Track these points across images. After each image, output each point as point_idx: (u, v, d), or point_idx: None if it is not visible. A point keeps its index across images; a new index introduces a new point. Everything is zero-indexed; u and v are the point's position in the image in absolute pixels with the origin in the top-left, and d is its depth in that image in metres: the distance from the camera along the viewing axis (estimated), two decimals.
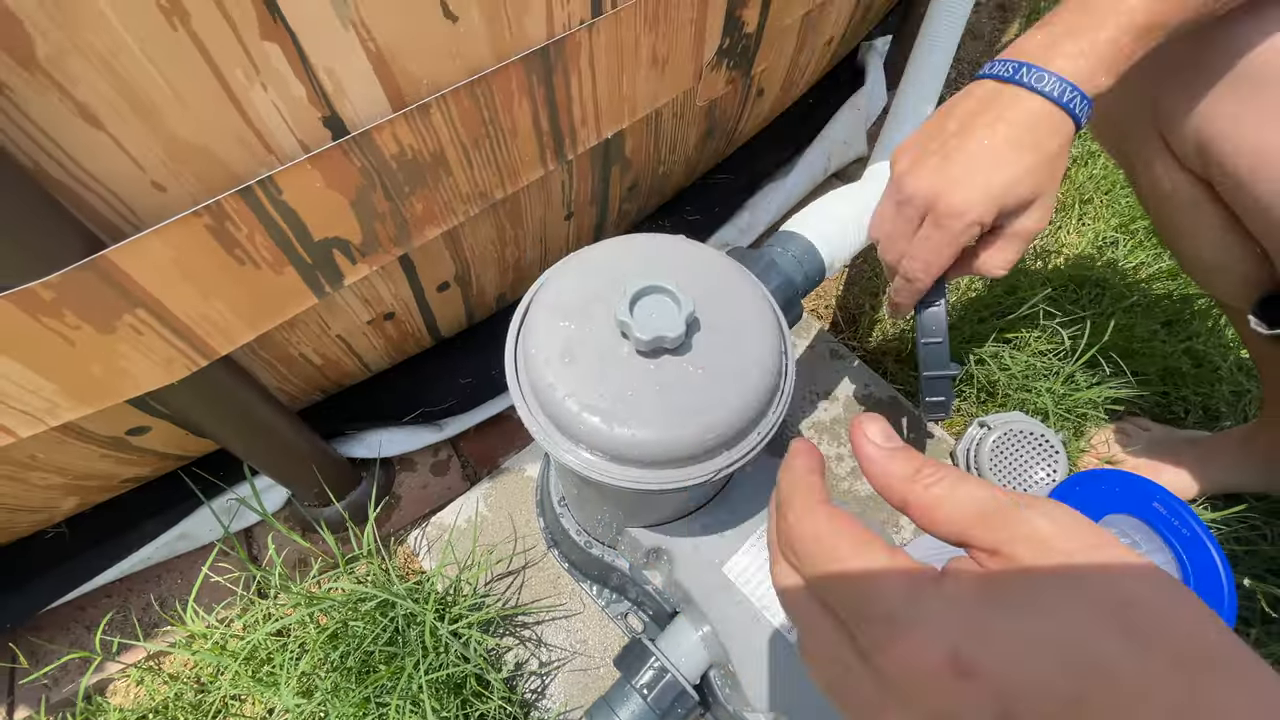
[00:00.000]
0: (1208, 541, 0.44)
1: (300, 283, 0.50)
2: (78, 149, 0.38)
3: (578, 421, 0.38)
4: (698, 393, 0.38)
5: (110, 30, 0.35)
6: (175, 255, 0.42)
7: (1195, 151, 0.50)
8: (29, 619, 0.68)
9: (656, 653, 0.53)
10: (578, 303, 0.42)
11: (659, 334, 0.37)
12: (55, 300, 0.39)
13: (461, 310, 0.76)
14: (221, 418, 0.56)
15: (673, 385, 0.38)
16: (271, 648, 0.60)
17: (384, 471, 0.81)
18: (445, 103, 0.47)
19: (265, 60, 0.39)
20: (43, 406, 0.46)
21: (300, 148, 0.44)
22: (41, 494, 0.58)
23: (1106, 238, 1.01)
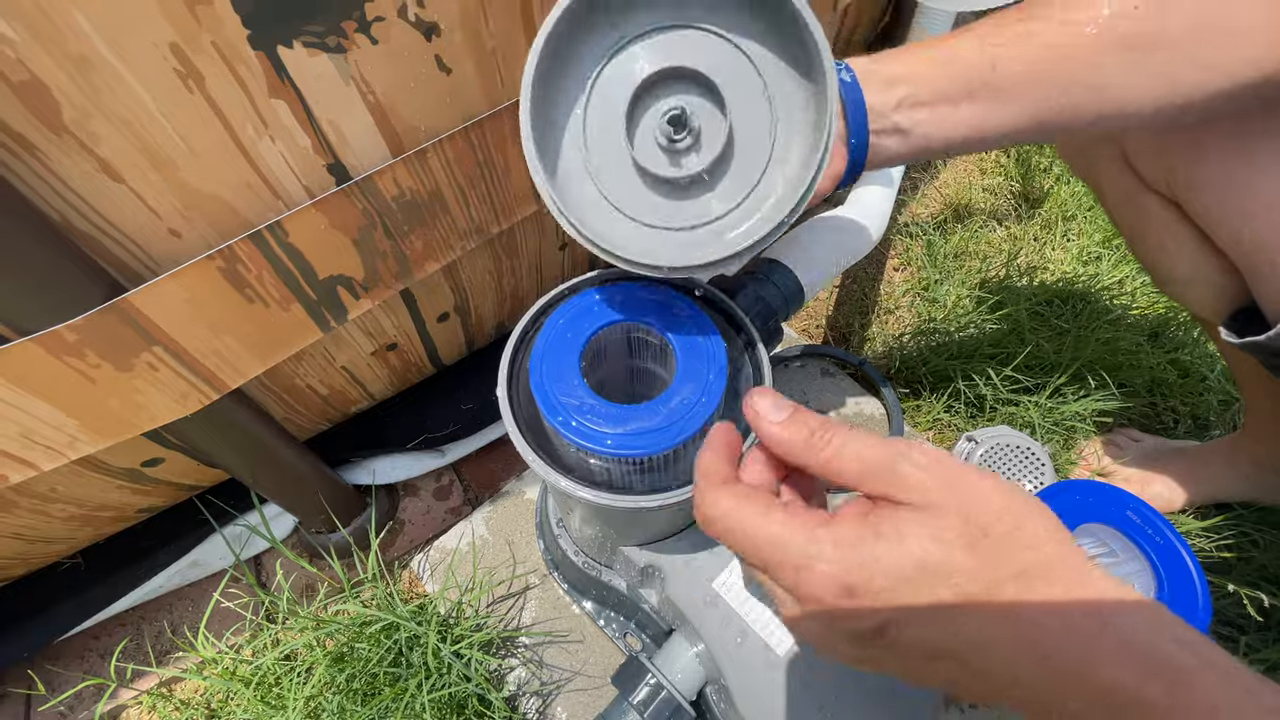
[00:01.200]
0: (1181, 548, 0.46)
1: (307, 318, 0.53)
2: (100, 201, 0.41)
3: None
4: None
5: (131, 94, 0.38)
6: (190, 296, 0.45)
7: (1161, 175, 0.52)
8: (45, 648, 0.70)
9: (653, 670, 0.54)
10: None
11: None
12: (78, 341, 0.42)
13: (461, 339, 0.79)
14: (232, 448, 0.58)
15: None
16: (279, 672, 0.62)
17: (388, 497, 0.83)
18: (442, 147, 0.50)
19: (274, 116, 0.43)
20: (64, 441, 0.48)
21: (306, 193, 0.47)
22: (61, 525, 0.61)
23: (1090, 252, 1.03)
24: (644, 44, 0.37)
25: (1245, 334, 0.52)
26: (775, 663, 0.48)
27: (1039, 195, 1.12)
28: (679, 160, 0.38)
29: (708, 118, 0.37)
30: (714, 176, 0.38)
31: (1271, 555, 0.75)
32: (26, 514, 0.57)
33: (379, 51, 0.44)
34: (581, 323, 0.44)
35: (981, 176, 1.17)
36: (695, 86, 0.37)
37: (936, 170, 1.18)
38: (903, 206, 1.13)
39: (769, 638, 0.49)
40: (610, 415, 0.40)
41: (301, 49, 0.41)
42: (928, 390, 0.88)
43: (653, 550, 0.54)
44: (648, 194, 0.39)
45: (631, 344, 0.48)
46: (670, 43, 0.37)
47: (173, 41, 0.37)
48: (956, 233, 1.06)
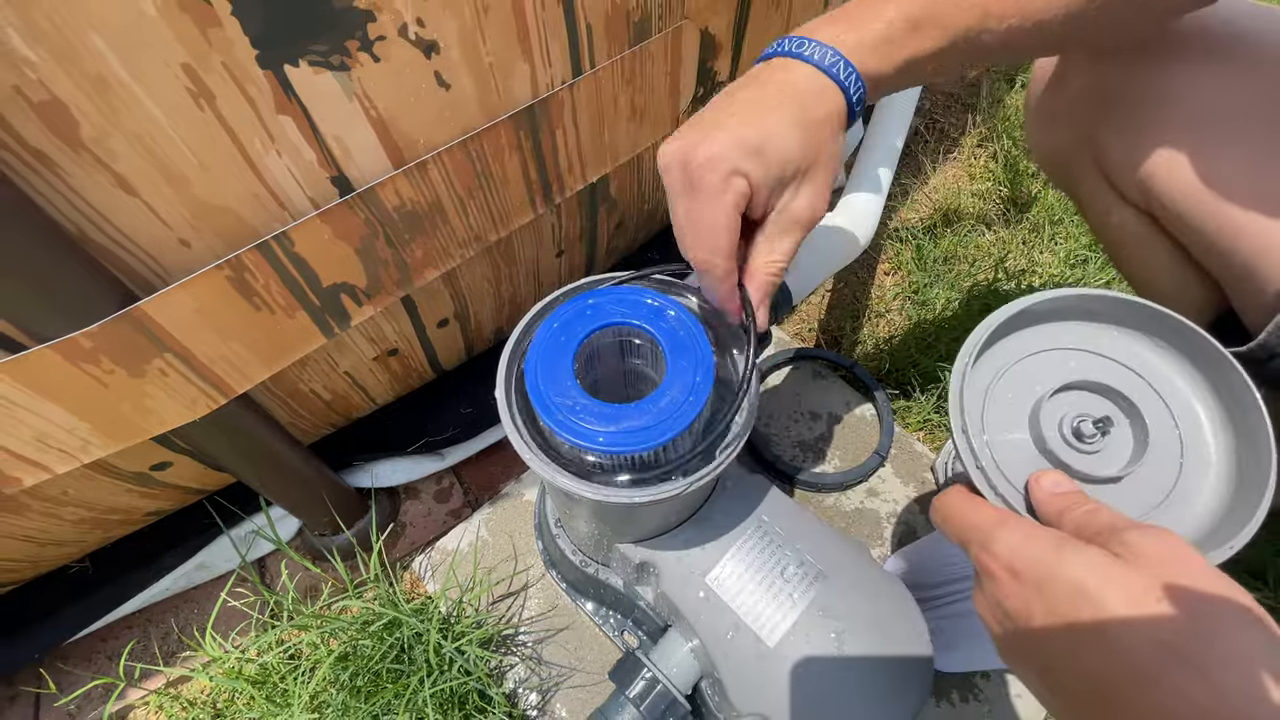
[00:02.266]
0: None
1: (311, 325, 0.55)
2: (115, 214, 0.43)
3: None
4: None
5: (145, 112, 0.40)
6: (199, 304, 0.47)
7: (1137, 189, 0.53)
8: (55, 649, 0.71)
9: (648, 664, 0.56)
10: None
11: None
12: (93, 348, 0.44)
13: (461, 344, 0.81)
14: (239, 452, 0.60)
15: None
16: (284, 670, 0.63)
17: (390, 500, 0.85)
18: (441, 159, 0.52)
19: (281, 131, 0.45)
20: (77, 445, 0.50)
21: (311, 204, 0.49)
22: (71, 528, 0.62)
23: (1077, 255, 1.05)
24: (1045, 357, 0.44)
25: (1225, 345, 0.53)
26: (766, 654, 0.50)
27: (1026, 199, 1.14)
28: (1088, 456, 0.41)
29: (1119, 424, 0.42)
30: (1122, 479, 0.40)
31: (1256, 552, 0.77)
32: (38, 517, 0.59)
33: (381, 69, 0.46)
34: (575, 327, 0.46)
35: (970, 182, 1.20)
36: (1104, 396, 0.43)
37: (926, 176, 1.20)
38: (892, 212, 1.15)
39: (760, 630, 0.51)
40: (602, 414, 0.42)
41: (307, 67, 0.43)
42: (918, 391, 0.90)
43: (647, 547, 0.56)
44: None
45: (624, 347, 0.49)
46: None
47: (185, 62, 0.39)
48: (946, 237, 1.08)
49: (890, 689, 0.50)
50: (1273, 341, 0.47)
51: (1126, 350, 0.43)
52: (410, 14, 0.45)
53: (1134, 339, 0.44)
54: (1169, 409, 0.41)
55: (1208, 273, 0.54)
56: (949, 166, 1.23)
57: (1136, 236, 0.57)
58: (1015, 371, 0.43)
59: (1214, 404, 0.41)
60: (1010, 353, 0.44)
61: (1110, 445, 0.40)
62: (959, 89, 1.36)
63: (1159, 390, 0.42)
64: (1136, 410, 0.40)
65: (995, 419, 0.41)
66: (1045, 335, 0.44)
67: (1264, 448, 0.37)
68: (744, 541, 0.54)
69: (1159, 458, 0.39)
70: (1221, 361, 0.40)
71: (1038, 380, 0.42)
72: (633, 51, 0.59)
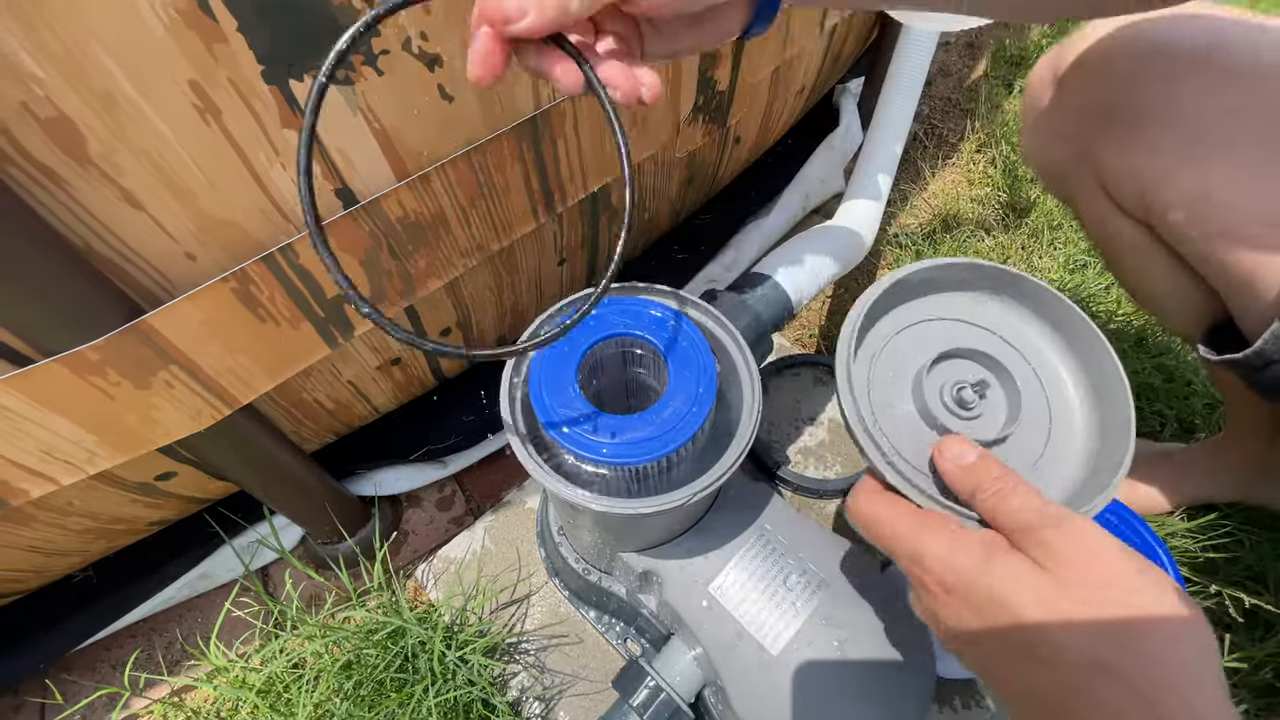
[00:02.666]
0: (1157, 548, 0.48)
1: (315, 336, 0.55)
2: (121, 228, 0.43)
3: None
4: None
5: (152, 128, 0.40)
6: (205, 317, 0.47)
7: (1134, 200, 0.54)
8: (59, 659, 0.71)
9: (652, 673, 0.56)
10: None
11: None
12: (100, 361, 0.44)
13: None
14: (243, 462, 0.60)
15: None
16: (288, 679, 0.64)
17: (392, 508, 0.85)
18: (444, 171, 0.53)
19: (285, 145, 0.45)
20: (83, 456, 0.50)
21: None
22: (76, 538, 0.63)
23: (1076, 260, 1.06)
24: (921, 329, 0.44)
25: (1223, 351, 0.53)
26: (769, 663, 0.50)
27: (1025, 205, 1.15)
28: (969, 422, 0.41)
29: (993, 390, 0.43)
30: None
31: (1257, 555, 0.77)
32: (44, 527, 0.59)
33: (384, 82, 0.46)
34: (578, 337, 0.46)
35: (969, 187, 1.20)
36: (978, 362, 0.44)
37: (925, 182, 1.21)
38: (892, 218, 1.16)
39: (763, 638, 0.51)
40: (605, 425, 0.42)
41: (311, 82, 0.43)
42: None
43: (650, 556, 0.56)
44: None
45: (626, 357, 0.50)
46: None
47: (192, 79, 0.40)
48: (945, 242, 1.09)
49: (893, 696, 0.50)
50: (1268, 349, 0.47)
51: (995, 316, 0.44)
52: (414, 28, 0.45)
53: (1002, 305, 0.45)
54: (1035, 370, 0.42)
55: (1203, 281, 0.54)
56: (948, 172, 1.24)
57: (1134, 247, 0.57)
58: (893, 348, 0.43)
59: (1073, 361, 0.43)
60: (886, 330, 0.44)
61: (988, 409, 0.41)
62: (958, 94, 1.37)
63: (1024, 352, 0.43)
64: (1007, 373, 0.41)
65: (881, 398, 0.41)
66: (919, 309, 0.45)
67: (1120, 397, 0.39)
68: (746, 550, 0.54)
69: (1032, 418, 0.41)
70: (1071, 317, 0.42)
71: (917, 353, 0.42)
72: None
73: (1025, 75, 1.37)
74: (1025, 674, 0.31)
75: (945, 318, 0.44)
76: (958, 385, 0.40)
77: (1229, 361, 0.51)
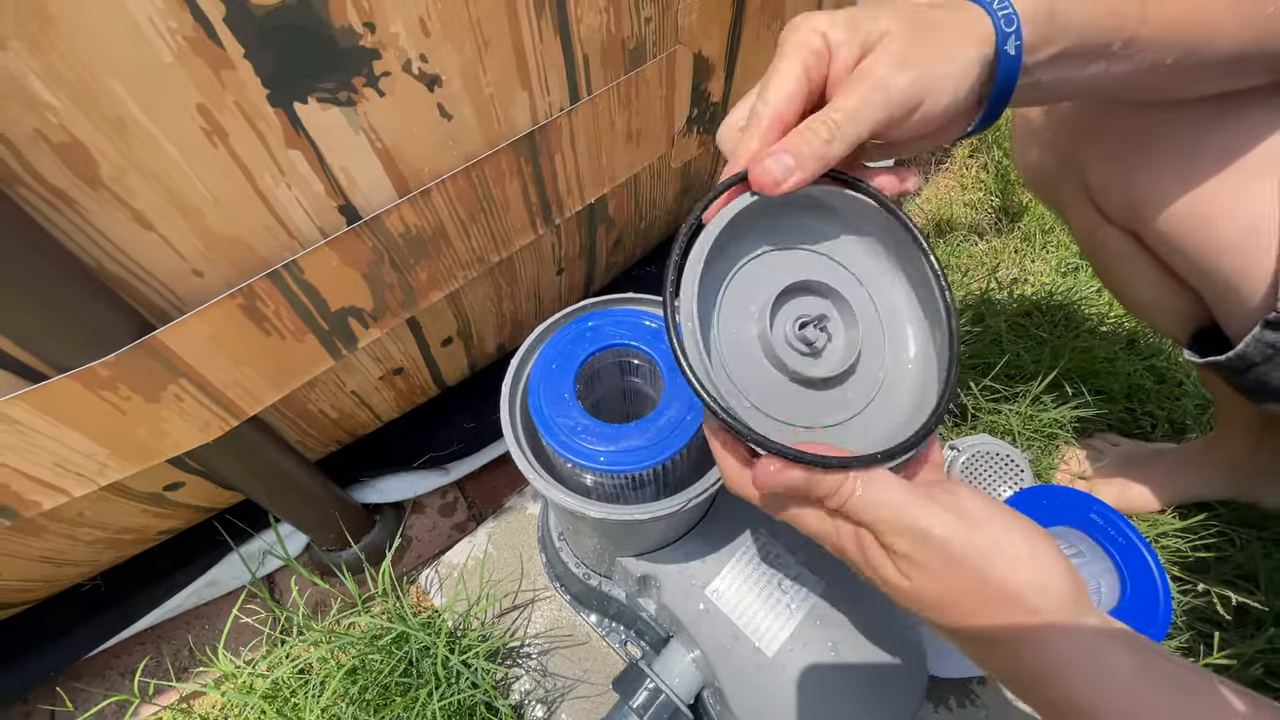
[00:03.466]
0: (1141, 546, 0.49)
1: (320, 348, 0.56)
2: (132, 247, 0.45)
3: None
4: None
5: (162, 151, 0.42)
6: (213, 331, 0.48)
7: (1121, 210, 0.55)
8: (68, 667, 0.73)
9: (651, 675, 0.57)
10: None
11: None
12: (111, 376, 0.45)
13: (464, 362, 0.82)
14: (250, 471, 0.61)
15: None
16: (295, 685, 0.65)
17: (395, 515, 0.86)
18: (444, 186, 0.54)
19: (290, 165, 0.46)
20: (95, 468, 0.51)
21: (319, 233, 0.51)
22: (86, 548, 0.64)
23: (1069, 263, 1.07)
24: (775, 258, 0.38)
25: (1208, 354, 0.55)
26: (765, 664, 0.51)
27: (1018, 209, 1.16)
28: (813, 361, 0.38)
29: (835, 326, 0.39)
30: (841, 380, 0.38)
31: (1247, 553, 0.78)
32: (55, 538, 0.60)
33: (386, 103, 0.48)
34: (575, 348, 0.47)
35: (962, 192, 1.21)
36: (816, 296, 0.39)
37: (918, 187, 1.22)
38: None
39: (759, 640, 0.52)
40: (603, 434, 0.43)
41: (315, 104, 0.45)
42: None
43: (649, 560, 0.57)
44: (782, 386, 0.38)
45: (623, 367, 0.51)
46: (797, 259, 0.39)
47: (199, 103, 0.41)
48: (939, 247, 1.10)
49: (886, 695, 0.51)
50: (1250, 352, 0.49)
51: (851, 250, 0.40)
52: (414, 51, 0.46)
53: (862, 241, 0.40)
54: (877, 308, 0.39)
55: (1188, 288, 0.55)
56: (941, 177, 1.25)
57: (1120, 255, 0.59)
58: (749, 273, 0.38)
59: (917, 303, 0.40)
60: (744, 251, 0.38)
61: (830, 348, 0.38)
62: None
63: (870, 289, 0.39)
64: (850, 309, 0.38)
65: (728, 327, 0.37)
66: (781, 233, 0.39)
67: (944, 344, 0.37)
68: (743, 554, 0.55)
69: (870, 356, 0.38)
70: (900, 234, 0.38)
71: (768, 285, 0.37)
72: (628, 77, 0.61)
73: None
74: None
75: (809, 248, 0.39)
76: (800, 319, 0.37)
77: (1213, 364, 0.53)
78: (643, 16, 0.58)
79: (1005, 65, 0.35)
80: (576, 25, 0.54)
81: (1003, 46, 0.35)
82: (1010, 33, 0.35)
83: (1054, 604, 0.30)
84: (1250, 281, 0.49)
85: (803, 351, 0.37)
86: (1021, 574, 0.30)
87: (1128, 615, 0.47)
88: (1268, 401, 0.50)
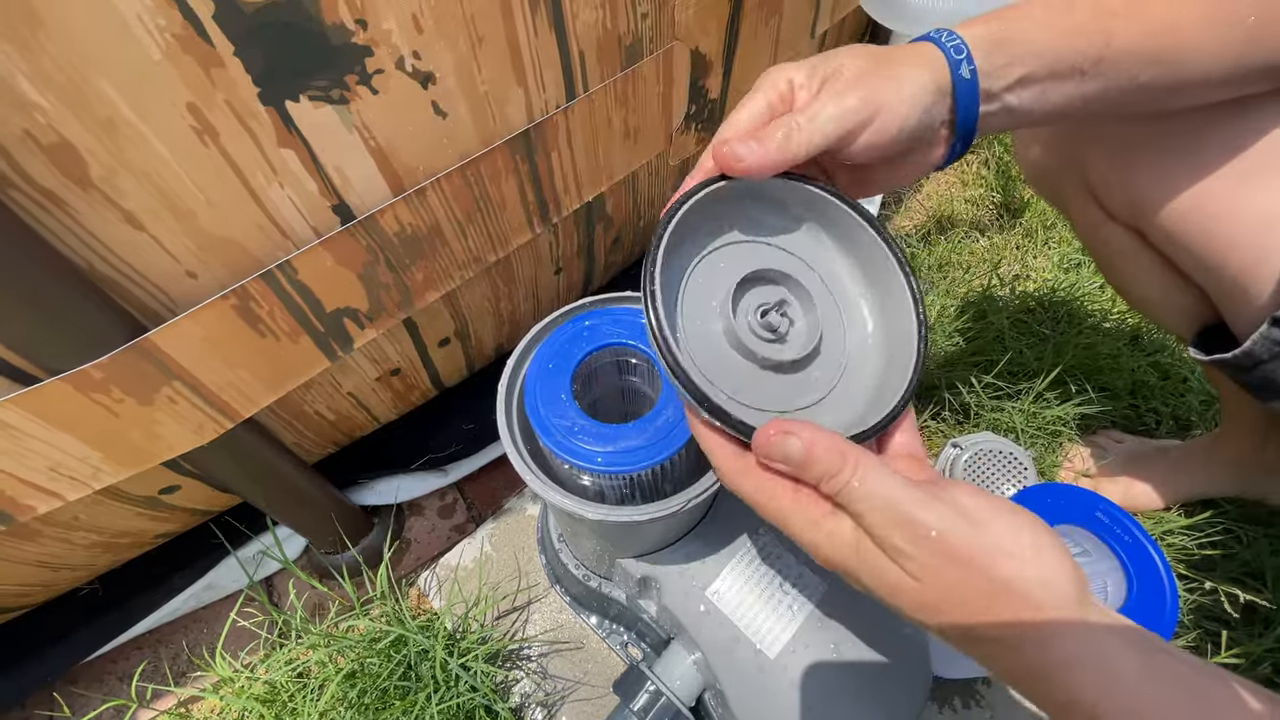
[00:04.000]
0: (1147, 545, 0.48)
1: (315, 349, 0.56)
2: (123, 249, 0.44)
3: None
4: None
5: (152, 151, 0.41)
6: (206, 333, 0.48)
7: (1124, 208, 0.55)
8: (66, 672, 0.72)
9: (652, 678, 0.56)
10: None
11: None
12: (104, 379, 0.45)
13: (462, 362, 0.82)
14: (246, 474, 0.61)
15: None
16: (293, 689, 0.64)
17: (394, 517, 0.86)
18: (440, 185, 0.54)
19: (283, 164, 0.46)
20: (88, 472, 0.51)
21: (313, 233, 0.51)
22: (82, 552, 0.63)
23: (1071, 259, 1.06)
24: (726, 252, 0.39)
25: (1213, 351, 0.54)
26: (766, 665, 0.51)
27: (1019, 205, 1.15)
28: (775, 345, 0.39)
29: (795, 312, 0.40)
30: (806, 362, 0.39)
31: (1254, 551, 0.78)
32: (51, 542, 0.60)
33: (379, 101, 0.47)
34: (572, 348, 0.47)
35: (964, 189, 1.21)
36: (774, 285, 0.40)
37: (919, 184, 1.22)
38: (886, 220, 1.17)
39: (760, 641, 0.51)
40: (600, 435, 0.43)
41: (308, 102, 0.44)
42: (914, 399, 0.91)
43: (649, 562, 0.56)
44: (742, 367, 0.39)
45: (620, 366, 0.50)
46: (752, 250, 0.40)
47: (190, 102, 0.40)
48: (940, 244, 1.09)
49: (888, 697, 0.51)
50: (1257, 349, 0.48)
51: (802, 239, 0.41)
52: (407, 48, 0.46)
53: (809, 230, 0.41)
54: (829, 290, 0.40)
55: (1192, 285, 0.55)
56: (941, 174, 1.25)
57: (1124, 253, 0.58)
58: (707, 264, 0.39)
59: (863, 279, 0.41)
60: (699, 246, 0.39)
61: (793, 332, 0.39)
62: None
63: (820, 273, 0.41)
64: (807, 293, 0.39)
65: (693, 317, 0.38)
66: (733, 226, 0.40)
67: (905, 311, 0.38)
68: (743, 555, 0.55)
69: (830, 336, 0.39)
70: (863, 239, 0.39)
71: (726, 275, 0.38)
72: (625, 74, 0.60)
73: None
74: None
75: (757, 239, 0.40)
76: (761, 307, 0.38)
77: (1219, 362, 0.52)
78: (639, 12, 0.57)
79: (963, 90, 0.38)
80: (572, 21, 0.53)
81: (956, 72, 0.38)
82: (961, 59, 0.38)
83: (1059, 600, 0.29)
84: (1257, 279, 0.48)
85: (767, 338, 0.37)
86: (1028, 571, 0.30)
87: (1135, 614, 0.46)
88: (1274, 399, 0.50)
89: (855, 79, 0.37)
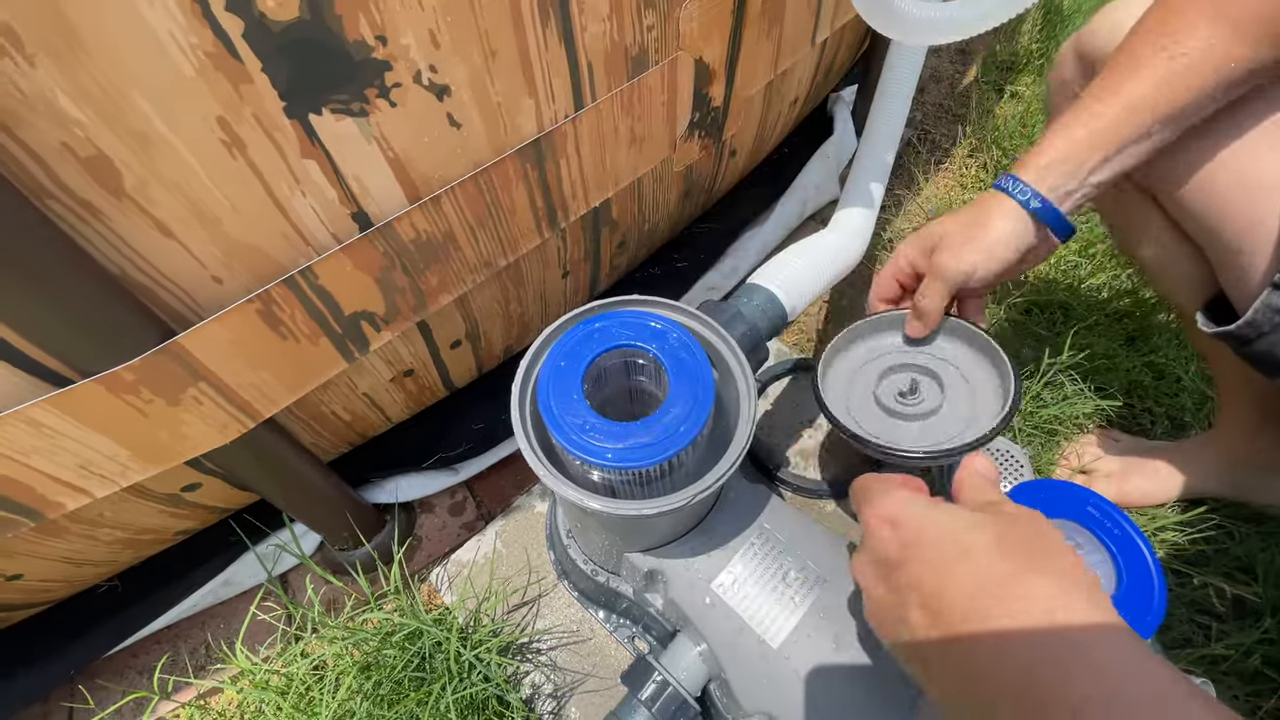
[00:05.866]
0: (1136, 538, 0.50)
1: (333, 351, 0.58)
2: (154, 255, 0.46)
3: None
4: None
5: (183, 162, 0.43)
6: (231, 336, 0.50)
7: (1139, 171, 0.57)
8: (87, 667, 0.74)
9: (659, 669, 0.58)
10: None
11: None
12: (135, 380, 0.47)
13: (472, 363, 0.84)
14: (265, 472, 0.63)
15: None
16: (310, 681, 0.66)
17: (406, 514, 0.88)
18: (453, 193, 0.56)
19: (305, 174, 0.48)
20: (116, 470, 0.53)
21: (333, 240, 0.53)
22: (105, 548, 0.66)
23: (1069, 261, 1.08)
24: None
25: (1218, 324, 0.56)
26: (770, 655, 0.53)
27: None
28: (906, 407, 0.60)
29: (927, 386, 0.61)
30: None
31: (1246, 547, 0.79)
32: (76, 538, 0.62)
33: (397, 113, 0.49)
34: (583, 349, 0.49)
35: (962, 192, 1.22)
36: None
37: (918, 187, 1.23)
38: (886, 223, 1.18)
39: (764, 632, 0.53)
40: (610, 432, 0.44)
41: (329, 115, 0.46)
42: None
43: (655, 555, 0.58)
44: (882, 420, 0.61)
45: (629, 367, 0.52)
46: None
47: (219, 115, 0.42)
48: None
49: (890, 685, 0.52)
50: (1259, 319, 0.49)
51: (924, 346, 0.63)
52: (424, 62, 0.48)
53: (937, 338, 0.62)
54: (956, 368, 0.60)
55: (1200, 252, 0.57)
56: (940, 177, 1.26)
57: (1137, 214, 0.62)
58: (865, 371, 0.64)
59: (977, 356, 0.60)
60: (857, 359, 0.65)
61: (923, 399, 0.60)
62: (950, 100, 1.39)
63: (945, 359, 0.61)
64: (934, 373, 0.60)
65: (859, 400, 0.62)
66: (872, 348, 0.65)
67: (1009, 378, 0.56)
68: (747, 549, 0.57)
69: (954, 400, 0.59)
70: (975, 334, 0.60)
71: (867, 375, 0.63)
72: (631, 84, 0.62)
73: (1016, 80, 1.39)
74: (958, 590, 0.34)
75: (889, 353, 0.64)
76: (898, 387, 0.61)
77: (1224, 334, 0.53)
78: (645, 24, 0.59)
79: (1042, 212, 0.52)
80: (580, 34, 0.55)
81: (1029, 207, 0.52)
82: (1027, 197, 0.52)
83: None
84: (1254, 244, 0.50)
85: (907, 404, 0.60)
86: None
87: (1123, 604, 0.48)
88: (1278, 374, 0.51)
89: (954, 248, 0.54)
